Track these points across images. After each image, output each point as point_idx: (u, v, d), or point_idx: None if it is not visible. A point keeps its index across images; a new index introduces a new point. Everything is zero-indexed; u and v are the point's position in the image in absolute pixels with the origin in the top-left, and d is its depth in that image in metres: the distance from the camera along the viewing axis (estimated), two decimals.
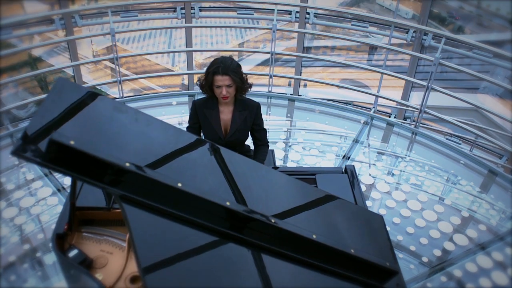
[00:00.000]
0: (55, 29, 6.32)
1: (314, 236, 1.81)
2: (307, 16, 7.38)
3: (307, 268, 1.85)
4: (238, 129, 2.97)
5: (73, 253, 2.17)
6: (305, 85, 10.06)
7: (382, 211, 3.81)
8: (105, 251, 2.31)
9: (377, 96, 5.05)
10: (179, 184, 1.62)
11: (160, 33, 13.97)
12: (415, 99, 6.01)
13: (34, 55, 10.99)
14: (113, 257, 2.28)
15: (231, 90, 2.82)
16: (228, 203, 1.68)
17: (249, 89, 2.95)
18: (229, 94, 2.83)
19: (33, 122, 1.57)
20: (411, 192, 4.05)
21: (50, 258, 3.29)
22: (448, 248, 3.56)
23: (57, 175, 4.01)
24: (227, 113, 2.98)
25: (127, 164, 1.55)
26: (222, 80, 2.77)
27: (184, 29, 6.69)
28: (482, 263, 3.44)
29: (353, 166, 2.75)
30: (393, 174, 4.27)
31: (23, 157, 1.46)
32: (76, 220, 2.36)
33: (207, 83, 2.85)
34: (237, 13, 7.67)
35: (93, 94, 1.79)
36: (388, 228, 3.58)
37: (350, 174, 2.68)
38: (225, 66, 2.76)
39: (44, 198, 3.77)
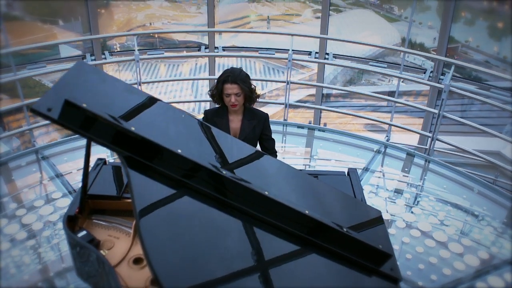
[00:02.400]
0: None
1: (307, 212, 1.89)
2: (326, 56, 7.68)
3: (303, 247, 1.92)
4: (247, 137, 3.11)
5: (81, 233, 2.30)
6: (324, 125, 10.23)
7: (391, 231, 3.81)
8: (112, 236, 2.43)
9: (390, 125, 5.15)
10: (179, 151, 1.76)
11: (189, 70, 14.64)
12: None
13: None
14: (119, 241, 2.39)
15: (239, 98, 2.99)
16: (224, 172, 1.81)
17: (257, 99, 3.12)
18: (238, 102, 2.99)
19: (52, 91, 1.75)
20: (422, 214, 4.04)
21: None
22: (458, 267, 3.50)
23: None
24: (236, 121, 3.13)
25: (133, 128, 1.71)
26: (231, 89, 2.95)
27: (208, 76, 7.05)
28: (493, 283, 3.37)
29: (355, 169, 2.83)
30: (404, 198, 4.29)
31: (41, 114, 1.63)
32: (87, 207, 2.50)
33: (217, 92, 3.03)
34: (259, 53, 8.03)
35: (108, 76, 1.99)
36: (396, 247, 3.60)
37: (352, 177, 2.76)
38: (234, 75, 2.95)
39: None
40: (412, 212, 4.07)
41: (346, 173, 2.83)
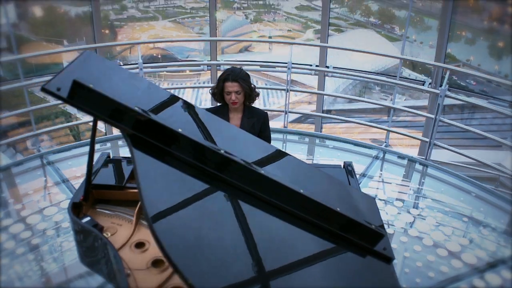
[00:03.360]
0: None
1: (302, 191, 1.98)
2: (327, 68, 7.80)
3: (298, 226, 2.00)
4: None
5: (85, 219, 2.38)
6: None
7: (389, 231, 3.87)
8: (115, 223, 2.52)
9: (388, 131, 5.24)
10: (180, 130, 1.86)
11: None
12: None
13: (65, 110, 11.85)
14: (122, 227, 2.48)
15: (240, 96, 3.11)
16: (222, 151, 1.90)
17: (257, 97, 3.23)
18: (238, 100, 3.11)
19: (61, 74, 1.87)
20: (420, 215, 4.11)
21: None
22: (455, 265, 3.55)
23: None
24: (236, 119, 3.24)
25: (136, 108, 1.81)
26: (231, 86, 3.07)
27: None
28: (490, 280, 3.41)
29: (351, 162, 2.91)
30: (402, 200, 4.35)
31: (51, 93, 1.74)
32: (91, 197, 2.59)
33: (218, 90, 3.15)
34: (260, 67, 8.22)
35: (114, 64, 2.10)
36: (395, 246, 3.66)
37: (348, 169, 2.84)
38: (234, 73, 3.08)
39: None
40: (410, 213, 4.13)
41: (342, 166, 2.91)
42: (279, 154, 2.31)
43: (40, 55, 5.73)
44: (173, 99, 2.16)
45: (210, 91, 3.24)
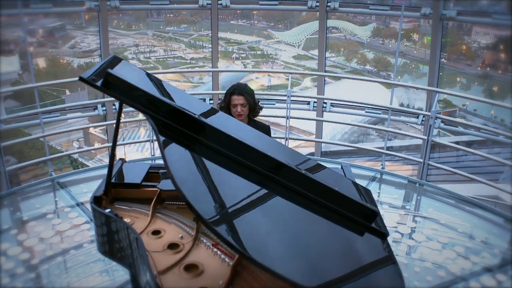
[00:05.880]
0: (97, 115, 7.19)
1: (303, 171, 2.23)
2: (324, 104, 8.14)
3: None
4: None
5: (106, 211, 2.61)
6: None
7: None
8: (132, 216, 2.74)
9: (384, 154, 5.51)
10: (196, 115, 2.14)
11: None
12: None
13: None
14: (138, 220, 2.71)
15: (245, 109, 3.41)
16: (234, 136, 2.18)
17: (260, 111, 3.53)
18: (243, 112, 3.40)
19: (94, 69, 2.17)
20: (416, 227, 4.31)
21: None
22: (452, 270, 3.72)
23: None
24: None
25: (158, 96, 2.11)
26: (237, 100, 3.38)
27: None
28: (486, 282, 3.58)
29: (348, 163, 3.16)
30: (399, 215, 4.55)
31: (87, 82, 2.04)
32: (110, 195, 2.82)
33: (225, 104, 3.45)
34: (260, 104, 8.57)
35: (137, 67, 2.42)
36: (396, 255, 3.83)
37: (346, 170, 3.09)
38: (240, 88, 3.40)
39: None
40: (406, 225, 4.33)
41: (340, 167, 3.17)
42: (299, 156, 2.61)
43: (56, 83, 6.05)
44: (183, 93, 2.46)
45: (218, 105, 3.54)
